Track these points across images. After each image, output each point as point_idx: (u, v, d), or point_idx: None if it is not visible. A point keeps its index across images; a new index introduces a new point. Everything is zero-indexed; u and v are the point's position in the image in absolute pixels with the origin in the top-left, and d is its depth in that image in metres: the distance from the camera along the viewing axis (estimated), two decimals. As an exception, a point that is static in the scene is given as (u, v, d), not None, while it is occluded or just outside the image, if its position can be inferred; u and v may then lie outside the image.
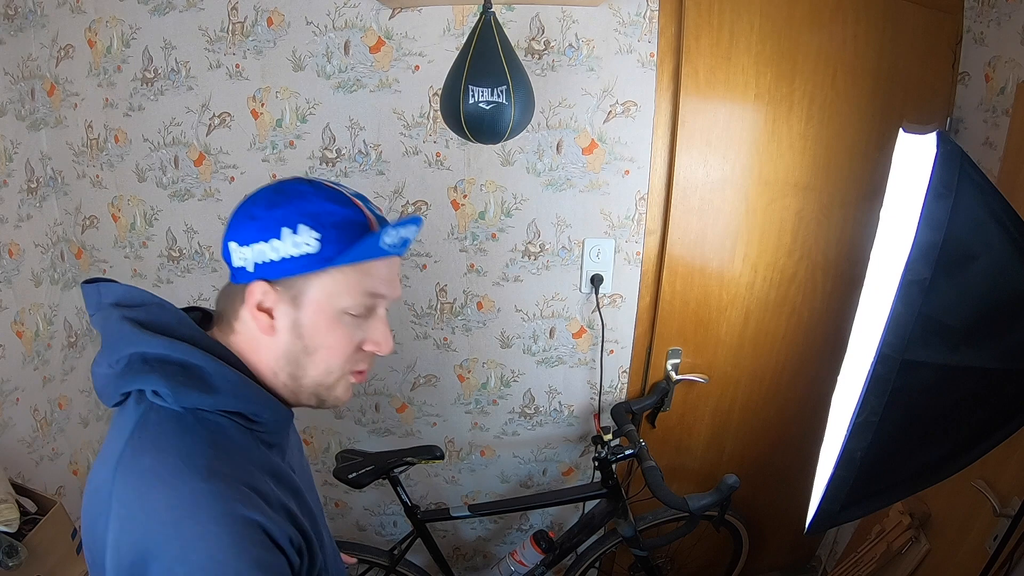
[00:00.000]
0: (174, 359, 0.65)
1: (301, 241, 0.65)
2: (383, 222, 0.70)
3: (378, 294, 0.70)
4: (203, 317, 0.77)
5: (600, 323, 1.71)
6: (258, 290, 0.67)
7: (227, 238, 0.70)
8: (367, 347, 0.71)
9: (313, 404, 0.73)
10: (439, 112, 1.44)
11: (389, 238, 0.67)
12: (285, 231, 0.65)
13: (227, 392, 0.65)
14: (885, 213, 1.14)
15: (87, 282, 0.71)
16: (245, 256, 0.67)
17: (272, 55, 1.50)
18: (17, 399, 1.60)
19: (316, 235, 0.65)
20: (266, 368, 0.70)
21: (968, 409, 0.86)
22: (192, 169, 1.63)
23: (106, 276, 0.67)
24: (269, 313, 0.68)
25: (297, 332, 0.68)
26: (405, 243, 0.71)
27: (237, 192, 1.64)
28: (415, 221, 0.71)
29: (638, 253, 1.66)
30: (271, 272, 0.66)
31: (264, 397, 0.69)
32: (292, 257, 0.65)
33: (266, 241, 0.65)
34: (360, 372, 0.73)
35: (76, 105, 1.60)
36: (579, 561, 1.79)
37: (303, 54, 1.49)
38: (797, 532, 2.03)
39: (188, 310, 0.75)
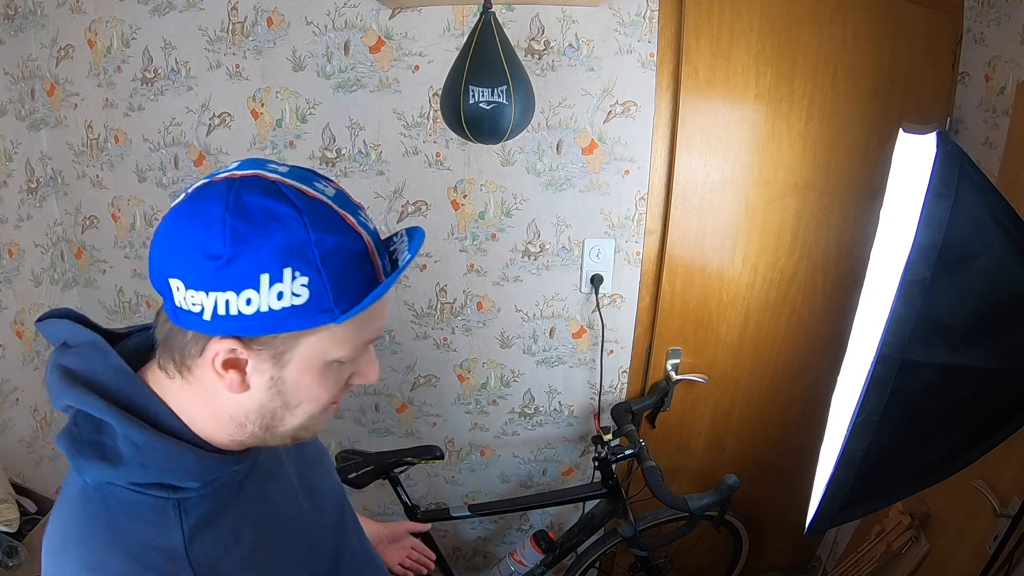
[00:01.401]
0: (90, 416, 0.55)
1: (286, 290, 0.49)
2: (377, 241, 0.56)
3: (377, 336, 0.59)
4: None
5: (600, 323, 1.71)
6: (224, 348, 0.52)
7: (163, 270, 0.51)
8: (354, 381, 0.61)
9: (286, 444, 0.62)
10: (439, 112, 1.44)
11: (393, 276, 0.55)
12: (263, 279, 0.49)
13: (134, 462, 0.53)
14: (885, 213, 1.14)
15: (40, 321, 0.60)
16: (199, 302, 0.50)
17: (272, 55, 1.50)
18: (17, 399, 1.60)
19: (305, 280, 0.50)
20: (228, 420, 0.58)
21: (968, 409, 0.86)
22: (192, 169, 1.63)
23: (60, 307, 0.60)
24: (239, 369, 0.54)
25: (277, 389, 0.56)
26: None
27: (237, 192, 1.64)
28: (418, 239, 0.58)
29: (638, 253, 1.66)
30: (242, 328, 0.51)
31: (189, 462, 0.56)
32: (272, 312, 0.50)
33: (236, 292, 0.49)
34: (335, 404, 0.63)
35: (76, 105, 1.60)
36: (579, 561, 1.79)
37: (303, 54, 1.49)
38: (797, 532, 2.03)
39: (142, 329, 0.62)
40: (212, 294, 0.49)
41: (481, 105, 1.19)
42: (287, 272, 0.49)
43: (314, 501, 0.72)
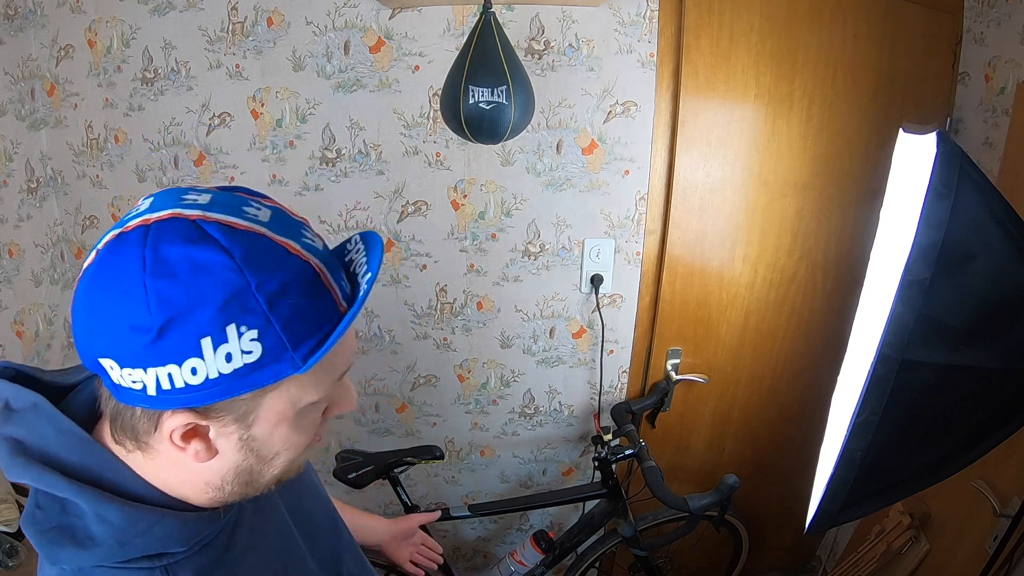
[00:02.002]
0: (53, 496, 0.49)
1: (235, 350, 0.43)
2: (328, 260, 0.48)
3: (344, 371, 0.54)
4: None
5: (600, 323, 1.71)
6: (178, 423, 0.46)
7: (90, 350, 0.45)
8: (330, 414, 0.56)
9: (271, 489, 0.57)
10: (439, 112, 1.44)
11: (356, 305, 0.48)
12: (205, 344, 0.42)
13: (111, 541, 0.48)
14: (885, 213, 1.14)
15: None
16: (138, 379, 0.44)
17: (272, 55, 1.50)
18: (17, 399, 1.60)
19: (254, 334, 0.43)
20: (203, 486, 0.53)
21: (968, 409, 0.86)
22: (192, 169, 1.63)
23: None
24: (201, 437, 0.48)
25: (248, 448, 0.50)
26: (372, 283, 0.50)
27: (237, 192, 1.64)
28: (378, 250, 0.51)
29: (638, 253, 1.66)
30: (194, 399, 0.45)
31: (172, 529, 0.51)
32: (224, 376, 0.44)
33: (177, 364, 0.43)
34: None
35: (76, 105, 1.60)
36: (579, 561, 1.79)
37: (303, 54, 1.49)
38: (797, 532, 2.03)
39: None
40: (151, 370, 0.43)
41: (481, 105, 1.19)
42: (231, 330, 0.42)
43: (308, 534, 0.69)
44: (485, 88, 1.18)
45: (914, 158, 0.99)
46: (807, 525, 1.04)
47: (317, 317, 0.46)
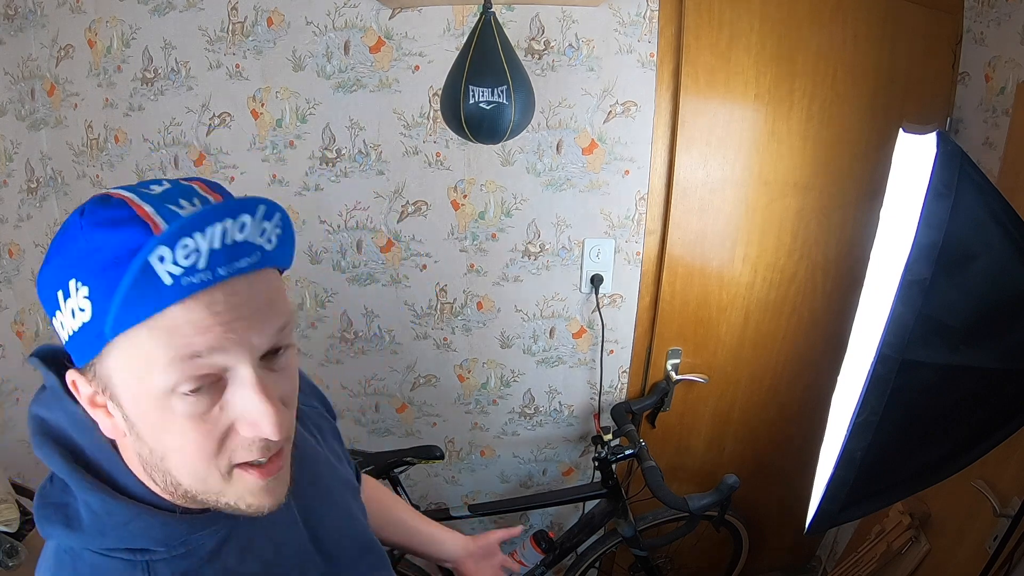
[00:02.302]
0: (55, 477, 0.51)
1: (75, 306, 0.43)
2: (190, 229, 0.41)
3: (197, 353, 0.43)
4: None
5: (600, 323, 1.71)
6: (72, 382, 0.48)
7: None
8: (240, 431, 0.47)
9: (236, 512, 0.51)
10: (439, 112, 1.44)
11: (165, 265, 0.40)
12: (59, 296, 0.44)
13: (93, 529, 0.49)
14: (885, 213, 1.14)
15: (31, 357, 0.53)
16: (56, 328, 0.47)
17: (272, 55, 1.50)
18: (17, 399, 1.60)
19: (86, 291, 0.43)
20: (144, 475, 0.50)
21: (968, 409, 0.86)
22: (192, 169, 1.63)
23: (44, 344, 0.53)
24: (96, 406, 0.48)
25: (134, 431, 0.47)
26: (221, 258, 0.43)
27: (237, 191, 1.63)
28: (226, 209, 0.42)
29: (638, 253, 1.66)
30: (74, 356, 0.46)
31: (150, 528, 0.50)
32: (75, 333, 0.44)
33: (51, 315, 0.46)
34: (255, 466, 0.49)
35: (76, 105, 1.60)
36: (579, 561, 1.79)
37: (303, 54, 1.49)
38: (797, 532, 2.03)
39: None
40: (54, 321, 0.46)
41: (481, 105, 1.19)
42: (71, 284, 0.43)
43: (325, 551, 0.64)
44: (485, 88, 1.18)
45: (914, 158, 0.99)
46: (807, 525, 1.04)
47: (144, 284, 0.41)
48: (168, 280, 0.41)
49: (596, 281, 1.66)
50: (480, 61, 1.18)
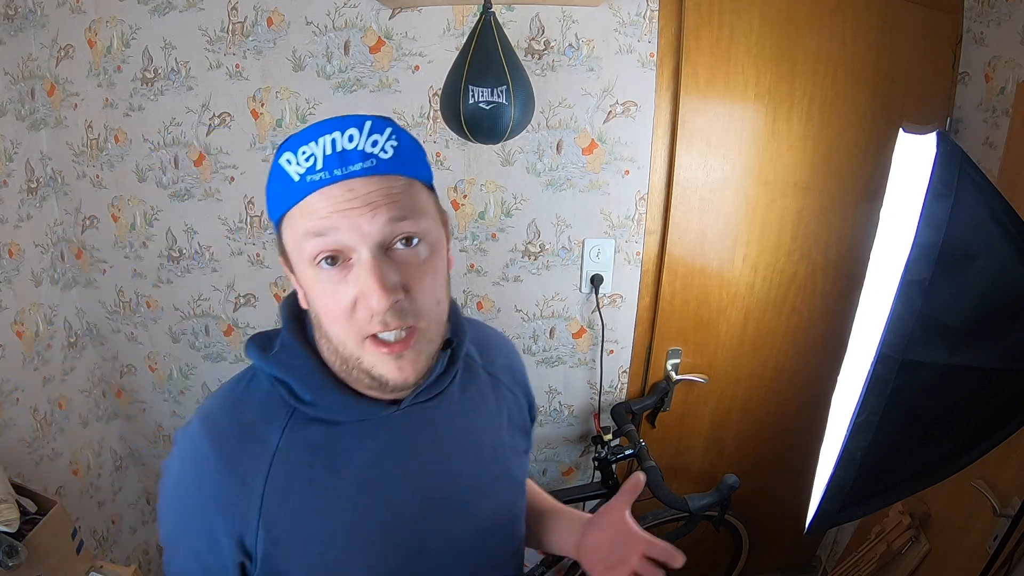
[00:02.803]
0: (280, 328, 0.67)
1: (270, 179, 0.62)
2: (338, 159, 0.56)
3: (313, 231, 0.56)
4: None
5: (600, 323, 1.71)
6: (283, 263, 0.63)
7: None
8: (359, 302, 0.57)
9: (373, 388, 0.62)
10: (439, 112, 1.44)
11: (292, 166, 0.56)
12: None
13: (275, 358, 0.64)
14: (885, 213, 1.14)
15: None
16: None
17: (272, 55, 1.50)
18: (17, 399, 1.60)
19: (267, 188, 0.60)
20: (318, 336, 0.64)
21: (968, 409, 0.86)
22: (192, 169, 1.63)
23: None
24: (284, 259, 0.62)
25: (307, 298, 0.62)
26: (334, 161, 0.55)
27: (237, 192, 1.64)
28: (332, 123, 0.57)
29: (638, 253, 1.66)
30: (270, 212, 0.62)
31: (306, 369, 0.63)
32: (267, 195, 0.62)
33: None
34: (385, 342, 0.58)
35: (76, 105, 1.60)
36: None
37: (303, 54, 1.49)
38: (797, 532, 2.03)
39: None
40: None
41: (481, 105, 1.19)
42: (281, 160, 0.59)
43: (430, 497, 0.68)
44: (485, 88, 1.18)
45: (914, 158, 0.99)
46: (807, 525, 1.04)
47: (271, 181, 0.60)
48: (295, 177, 0.56)
49: (596, 281, 1.66)
50: (480, 61, 1.18)
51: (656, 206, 1.61)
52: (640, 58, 1.48)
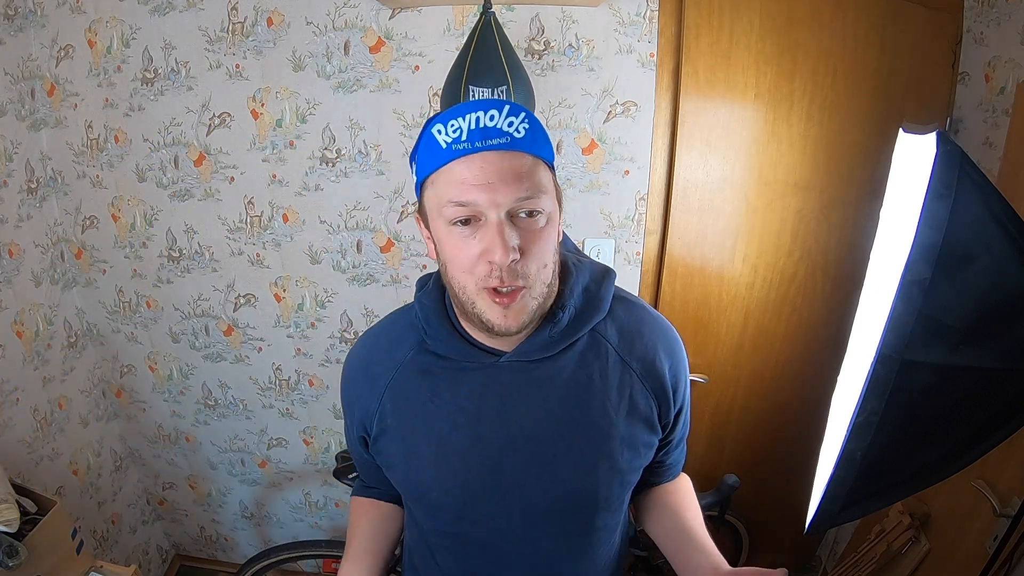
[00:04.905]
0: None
1: (412, 172, 0.74)
2: (477, 134, 0.66)
3: (455, 200, 0.66)
4: None
5: (600, 323, 1.71)
6: (417, 218, 0.75)
7: None
8: (484, 257, 0.67)
9: (483, 330, 0.72)
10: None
11: (441, 135, 0.66)
12: (412, 169, 0.74)
13: (422, 295, 0.80)
14: (885, 213, 1.13)
15: None
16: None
17: (272, 55, 1.50)
18: (17, 399, 1.60)
19: (415, 153, 0.71)
20: (448, 285, 0.74)
21: (968, 409, 0.86)
22: (192, 169, 1.63)
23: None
24: (429, 240, 0.74)
25: (437, 248, 0.72)
26: (476, 135, 0.65)
27: (237, 192, 1.64)
28: (478, 104, 0.66)
29: (638, 253, 1.66)
30: (419, 205, 0.74)
31: (430, 312, 0.78)
32: (415, 187, 0.74)
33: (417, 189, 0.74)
34: (499, 293, 0.68)
35: (76, 105, 1.60)
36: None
37: (303, 54, 1.49)
38: (797, 532, 2.02)
39: None
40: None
41: (481, 105, 1.19)
42: (412, 164, 0.74)
43: (497, 441, 0.78)
44: (485, 88, 1.18)
45: (914, 158, 0.98)
46: (807, 525, 1.04)
47: (419, 149, 0.71)
48: (443, 145, 0.66)
49: (596, 281, 1.66)
50: (480, 61, 1.18)
51: (656, 206, 1.61)
52: (640, 58, 1.48)
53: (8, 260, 1.56)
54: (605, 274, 0.82)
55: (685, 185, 1.57)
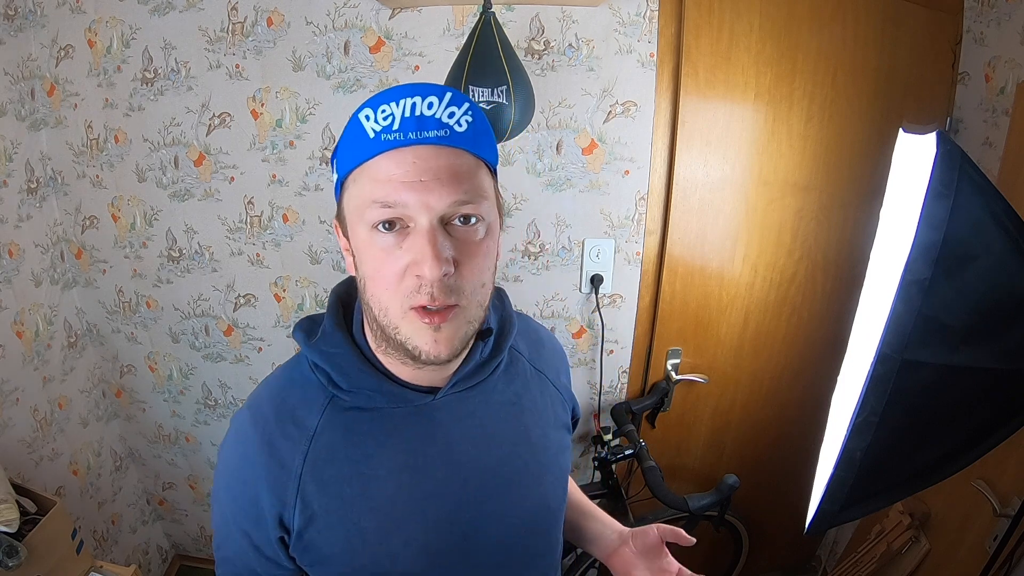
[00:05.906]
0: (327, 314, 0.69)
1: (331, 169, 0.64)
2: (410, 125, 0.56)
3: (380, 201, 0.56)
4: None
5: (600, 323, 1.71)
6: (335, 226, 0.66)
7: None
8: (410, 269, 0.57)
9: (408, 360, 0.62)
10: (439, 112, 1.43)
11: (370, 122, 0.56)
12: (334, 166, 0.65)
13: (316, 345, 0.66)
14: (885, 213, 1.14)
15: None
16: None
17: (272, 55, 1.50)
18: (17, 399, 1.60)
19: (338, 145, 0.61)
20: (367, 333, 0.66)
21: (968, 409, 0.86)
22: (192, 169, 1.63)
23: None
24: (348, 251, 0.64)
25: (356, 260, 0.62)
26: (411, 124, 0.55)
27: (237, 192, 1.64)
28: (415, 88, 0.56)
29: (638, 253, 1.66)
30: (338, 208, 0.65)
31: (344, 358, 0.65)
32: (334, 187, 0.64)
33: (336, 191, 0.65)
34: (427, 312, 0.58)
35: (76, 105, 1.60)
36: (579, 561, 1.79)
37: (303, 54, 1.49)
38: (797, 532, 2.03)
39: None
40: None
41: (481, 105, 1.19)
42: (333, 161, 0.63)
43: (461, 477, 0.69)
44: (485, 88, 1.18)
45: (914, 158, 0.98)
46: (807, 525, 1.04)
47: (343, 138, 0.60)
48: (371, 134, 0.56)
49: (596, 281, 1.66)
50: (480, 61, 1.18)
51: (656, 206, 1.61)
52: (640, 58, 1.48)
53: (8, 260, 1.56)
54: (496, 286, 0.72)
55: (685, 185, 1.57)
